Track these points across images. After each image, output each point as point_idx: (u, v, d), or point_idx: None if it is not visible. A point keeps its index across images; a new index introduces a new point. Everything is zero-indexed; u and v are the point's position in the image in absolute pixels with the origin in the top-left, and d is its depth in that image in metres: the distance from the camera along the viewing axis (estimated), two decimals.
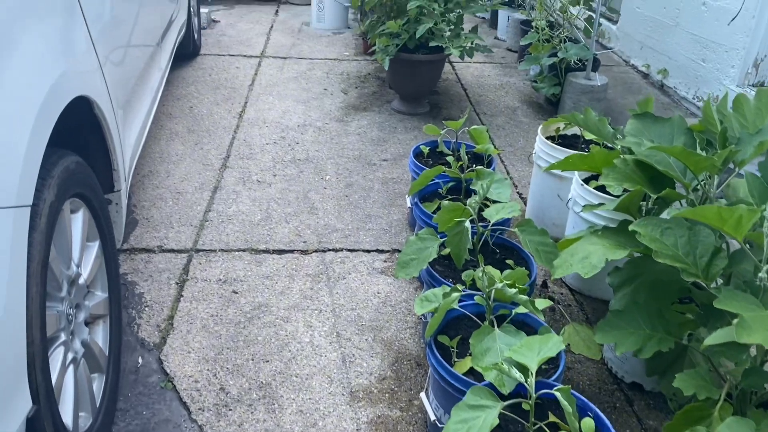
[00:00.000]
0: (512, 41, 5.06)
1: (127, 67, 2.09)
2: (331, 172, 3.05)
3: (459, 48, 3.28)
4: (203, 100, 3.78)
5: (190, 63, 4.36)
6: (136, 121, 2.22)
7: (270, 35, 5.17)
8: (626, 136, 1.75)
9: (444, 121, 2.55)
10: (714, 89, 3.73)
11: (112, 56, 1.81)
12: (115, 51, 1.90)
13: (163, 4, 3.06)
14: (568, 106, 3.69)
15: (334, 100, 3.91)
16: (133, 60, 2.22)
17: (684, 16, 4.04)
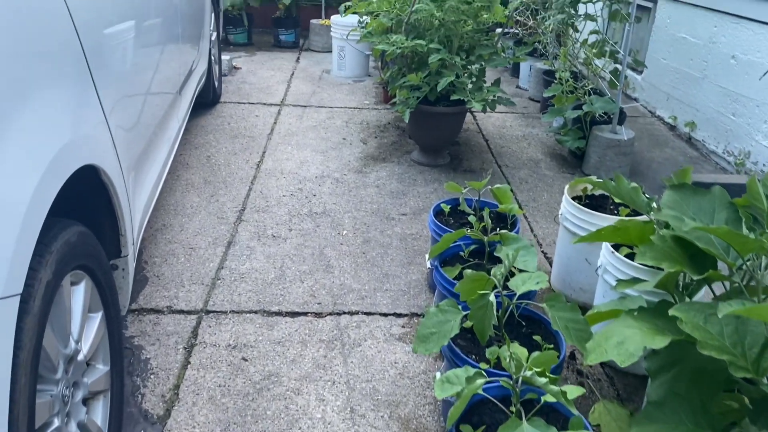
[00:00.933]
0: (534, 91, 5.00)
1: (140, 128, 2.03)
2: (348, 227, 2.96)
3: (481, 102, 3.21)
4: (221, 149, 3.74)
5: (209, 111, 4.34)
6: (148, 180, 2.16)
7: (291, 83, 5.17)
8: (663, 208, 1.64)
9: (466, 182, 2.46)
10: (745, 145, 3.61)
11: (124, 119, 1.75)
12: (128, 113, 1.85)
13: (184, 54, 3.04)
14: (594, 160, 3.59)
15: (353, 150, 3.85)
16: (148, 118, 2.17)
17: (712, 68, 3.95)
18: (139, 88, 2.07)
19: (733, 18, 3.74)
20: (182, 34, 2.95)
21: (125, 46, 1.87)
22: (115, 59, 1.75)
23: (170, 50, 2.65)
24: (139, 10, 2.06)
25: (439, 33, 3.40)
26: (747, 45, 3.61)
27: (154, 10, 2.31)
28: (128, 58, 1.91)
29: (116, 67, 1.76)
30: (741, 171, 3.61)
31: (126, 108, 1.83)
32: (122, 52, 1.84)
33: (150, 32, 2.23)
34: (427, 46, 3.29)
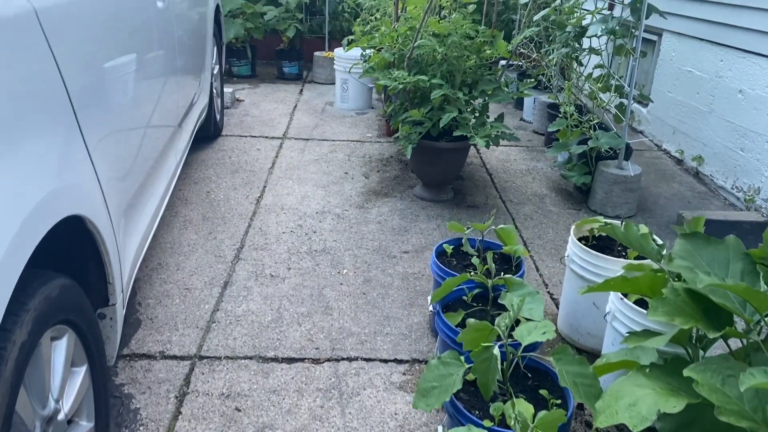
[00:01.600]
0: (538, 124, 4.96)
1: (134, 169, 1.98)
2: (348, 266, 2.89)
3: (484, 138, 3.16)
4: (221, 184, 3.69)
5: (210, 144, 4.31)
6: (142, 222, 2.10)
7: (293, 115, 5.14)
8: (675, 258, 1.56)
9: (469, 223, 2.39)
10: (755, 181, 3.53)
11: (113, 163, 1.70)
12: (119, 156, 1.79)
13: (183, 89, 3.00)
14: (600, 196, 3.52)
15: (354, 185, 3.80)
16: (142, 158, 2.11)
17: (719, 102, 3.90)
18: (133, 129, 2.02)
19: (739, 52, 3.69)
20: (181, 68, 2.92)
21: (117, 85, 1.82)
22: (105, 100, 1.70)
23: (168, 86, 2.61)
24: (132, 47, 2.02)
25: (441, 68, 3.36)
26: (754, 79, 3.56)
27: (150, 45, 2.27)
28: (120, 97, 1.87)
29: (106, 107, 1.71)
30: (751, 208, 3.53)
31: (116, 150, 1.78)
32: (113, 91, 1.79)
33: (145, 68, 2.19)
34: (429, 82, 3.25)
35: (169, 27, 2.56)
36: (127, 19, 1.98)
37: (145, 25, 2.18)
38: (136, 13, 2.08)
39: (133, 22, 2.04)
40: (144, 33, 2.16)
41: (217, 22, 4.35)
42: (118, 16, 1.88)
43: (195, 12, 3.39)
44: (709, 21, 3.98)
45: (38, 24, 1.28)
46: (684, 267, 1.51)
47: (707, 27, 4.01)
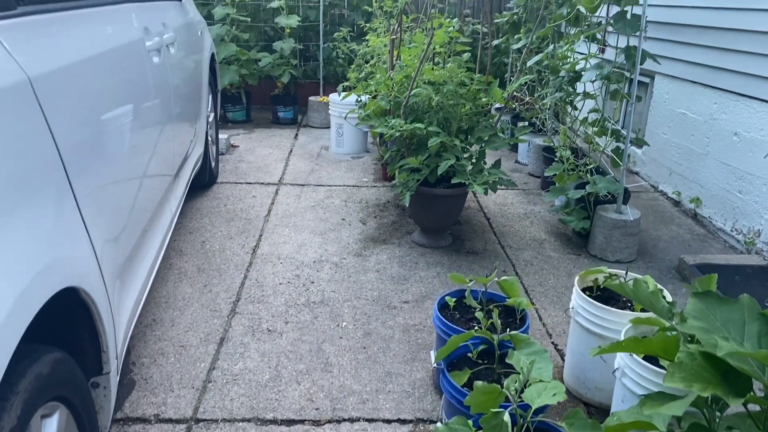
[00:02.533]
0: (534, 166, 4.96)
1: (129, 230, 1.93)
2: (347, 318, 2.83)
3: (482, 185, 3.13)
4: (216, 233, 3.65)
5: (205, 192, 4.27)
6: (137, 281, 2.04)
7: (289, 160, 5.13)
8: (688, 318, 1.52)
9: (471, 276, 2.34)
10: (754, 223, 3.52)
11: (110, 228, 1.65)
12: (115, 219, 1.75)
13: (179, 142, 2.98)
14: (599, 241, 3.49)
15: (352, 232, 3.76)
16: (138, 218, 2.07)
17: (714, 145, 3.91)
18: (129, 187, 1.99)
19: (733, 95, 3.72)
20: (177, 121, 2.90)
21: (112, 146, 1.79)
22: (100, 163, 1.67)
23: (164, 140, 2.58)
24: (127, 106, 2.00)
25: (437, 115, 3.36)
26: (749, 122, 3.58)
27: (145, 102, 2.25)
28: (115, 158, 1.83)
29: (101, 171, 1.67)
30: (752, 250, 3.51)
31: (112, 213, 1.73)
32: (108, 154, 1.75)
33: (141, 126, 2.17)
34: (426, 129, 3.25)
35: (165, 81, 2.55)
36: (123, 80, 1.97)
37: (140, 83, 2.16)
38: (131, 72, 2.07)
39: (128, 82, 2.02)
40: (140, 91, 2.14)
41: (213, 71, 4.37)
42: (113, 78, 1.86)
43: (191, 62, 3.40)
44: (702, 64, 4.02)
45: (32, 93, 1.25)
46: (698, 328, 1.46)
47: (700, 70, 4.05)
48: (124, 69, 1.98)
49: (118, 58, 1.92)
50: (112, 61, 1.85)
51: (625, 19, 3.24)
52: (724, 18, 3.76)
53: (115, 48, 1.90)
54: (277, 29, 6.33)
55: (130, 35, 2.11)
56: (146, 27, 2.33)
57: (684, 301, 3.06)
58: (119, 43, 1.96)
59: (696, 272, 3.19)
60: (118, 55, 1.91)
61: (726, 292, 2.97)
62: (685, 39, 4.18)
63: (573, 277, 3.27)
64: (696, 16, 4.03)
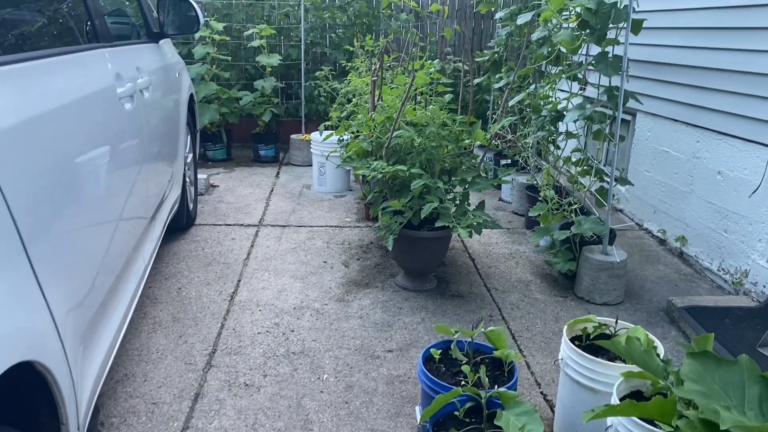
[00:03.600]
0: (518, 204, 4.91)
1: (95, 289, 1.83)
2: (329, 369, 2.71)
3: (467, 228, 3.06)
4: (193, 279, 3.53)
5: (183, 235, 4.17)
6: (105, 339, 1.93)
7: (270, 200, 5.04)
8: (685, 380, 1.44)
9: (457, 329, 2.25)
10: (741, 263, 3.48)
11: (71, 293, 1.55)
12: (77, 283, 1.65)
13: (154, 187, 2.89)
14: (586, 283, 3.42)
15: (334, 275, 3.66)
16: (105, 272, 1.97)
17: (698, 183, 3.89)
18: (95, 244, 1.89)
19: (715, 134, 3.71)
20: (151, 166, 2.81)
21: (76, 204, 1.70)
22: (61, 224, 1.57)
23: (136, 188, 2.49)
24: (94, 159, 1.91)
25: (420, 157, 3.31)
26: (732, 161, 3.56)
27: (115, 152, 2.16)
28: (80, 216, 1.74)
29: (62, 233, 1.57)
30: (739, 291, 3.46)
31: (75, 275, 1.63)
32: (71, 212, 1.66)
33: (110, 177, 2.07)
34: (408, 171, 3.19)
35: (138, 127, 2.47)
36: (89, 130, 1.88)
37: (109, 131, 2.08)
38: (99, 121, 1.98)
39: (95, 132, 1.94)
40: (108, 140, 2.05)
41: (191, 111, 4.30)
42: (78, 129, 1.77)
43: (167, 105, 3.33)
44: (683, 103, 4.02)
45: None
46: (696, 392, 1.38)
47: (682, 108, 4.05)
48: (91, 119, 1.90)
49: (84, 108, 1.84)
50: (78, 112, 1.77)
51: (606, 60, 3.23)
52: (703, 57, 3.77)
53: (82, 98, 1.82)
54: (258, 67, 6.31)
55: (100, 83, 2.03)
56: (118, 73, 2.26)
57: (673, 346, 2.99)
58: (86, 92, 1.88)
59: (685, 315, 3.13)
60: (84, 105, 1.83)
61: (716, 336, 2.90)
62: (666, 77, 4.19)
63: (560, 322, 3.20)
64: (676, 55, 4.05)
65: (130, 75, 2.43)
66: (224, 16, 6.44)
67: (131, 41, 2.87)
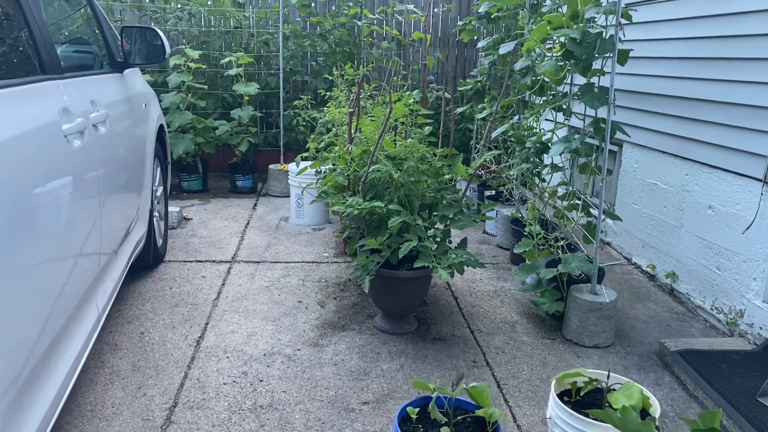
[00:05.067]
0: (502, 237, 4.75)
1: (33, 353, 1.62)
2: (298, 426, 2.50)
3: (447, 269, 2.88)
4: (157, 322, 3.31)
5: (150, 273, 3.94)
6: (42, 400, 1.71)
7: (245, 234, 4.84)
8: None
9: (436, 386, 2.05)
10: (735, 302, 3.32)
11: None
12: (8, 348, 1.44)
13: (112, 226, 2.69)
14: (575, 324, 3.25)
15: (308, 316, 3.45)
16: (48, 330, 1.76)
17: (688, 217, 3.75)
18: (32, 302, 1.68)
19: (706, 167, 3.58)
20: (109, 206, 2.61)
21: (10, 264, 1.50)
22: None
23: (87, 229, 2.29)
24: (30, 199, 1.71)
25: (398, 192, 3.14)
26: (724, 196, 3.43)
27: (60, 195, 1.97)
28: (10, 269, 1.53)
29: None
30: (734, 332, 3.30)
31: (5, 341, 1.43)
32: (3, 273, 1.46)
33: (51, 222, 1.87)
34: (386, 208, 3.01)
35: (89, 164, 2.27)
36: (25, 171, 1.68)
37: (51, 171, 1.88)
38: (37, 161, 1.79)
39: (33, 173, 1.74)
40: (48, 180, 1.86)
41: (161, 142, 4.11)
42: (9, 172, 1.58)
43: (130, 138, 3.14)
44: (671, 134, 3.90)
45: None
46: None
47: (670, 140, 3.93)
48: (27, 158, 1.70)
49: (18, 147, 1.65)
50: (8, 152, 1.58)
51: (592, 91, 3.09)
52: (692, 88, 3.66)
53: (14, 137, 1.63)
54: (235, 96, 6.15)
55: (39, 120, 1.84)
56: (65, 108, 2.07)
57: (668, 393, 2.81)
58: (21, 130, 1.69)
59: (679, 360, 2.95)
60: (18, 144, 1.64)
61: (713, 383, 2.73)
62: (653, 108, 4.08)
63: (548, 367, 3.01)
64: (662, 85, 3.94)
65: (81, 109, 2.24)
66: (201, 44, 6.29)
67: (88, 72, 2.68)
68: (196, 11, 6.09)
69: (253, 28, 6.61)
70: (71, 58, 2.72)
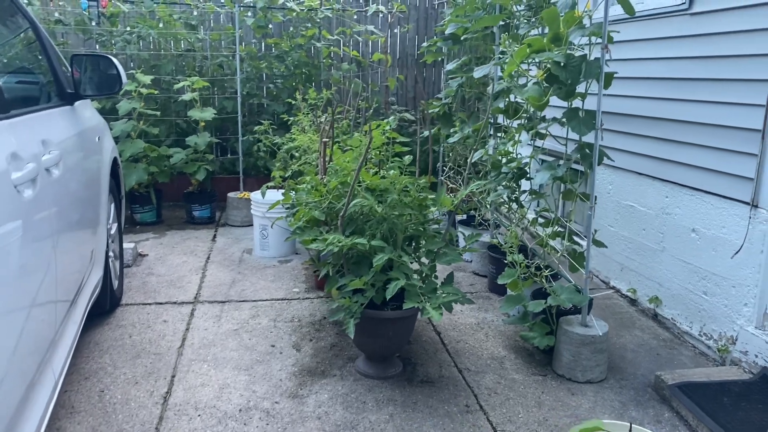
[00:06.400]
0: (478, 264, 4.60)
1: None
2: None
3: (437, 309, 2.70)
4: (118, 377, 3.00)
5: (107, 320, 3.62)
6: None
7: (206, 269, 4.55)
8: None
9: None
10: (726, 329, 3.24)
11: None
12: None
13: (66, 279, 2.40)
14: (566, 359, 3.10)
15: (284, 363, 3.20)
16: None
17: (670, 241, 3.68)
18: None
19: (687, 189, 3.52)
20: (62, 255, 2.33)
21: None
22: None
23: (42, 288, 2.01)
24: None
25: (381, 227, 2.94)
26: (708, 219, 3.36)
27: (8, 250, 1.69)
28: None
29: None
30: (726, 359, 3.21)
31: None
32: None
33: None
34: (369, 244, 2.81)
35: (44, 214, 1.99)
36: None
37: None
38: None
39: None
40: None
41: (115, 176, 3.81)
42: None
43: (85, 177, 2.85)
44: (649, 156, 3.84)
45: None
46: None
47: (646, 162, 3.86)
48: None
49: None
50: None
51: (578, 117, 2.98)
52: (669, 108, 3.60)
53: None
54: (190, 122, 5.85)
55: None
56: (14, 153, 1.80)
57: (670, 431, 2.69)
58: None
59: (678, 394, 2.83)
60: None
61: (718, 420, 2.61)
62: (628, 129, 4.01)
63: (543, 408, 2.85)
64: (640, 106, 3.88)
65: (31, 152, 1.97)
66: (152, 68, 5.98)
67: (37, 107, 2.40)
68: (146, 34, 5.79)
69: (207, 50, 6.33)
70: (15, 91, 2.43)
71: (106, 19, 5.80)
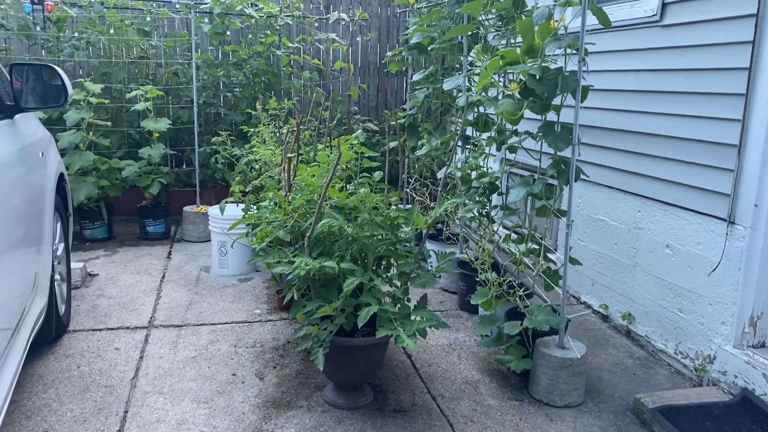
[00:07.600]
0: (447, 280, 4.47)
1: None
2: None
3: (412, 338, 2.54)
4: (65, 415, 2.75)
5: (52, 349, 3.35)
6: None
7: (161, 290, 4.29)
8: None
9: None
10: (702, 347, 3.17)
11: None
12: None
13: (6, 312, 2.15)
14: (544, 383, 2.98)
15: (246, 393, 3.00)
16: None
17: (643, 256, 3.61)
18: None
19: (660, 204, 3.46)
20: (1, 280, 2.09)
21: None
22: None
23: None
24: None
25: (351, 248, 2.77)
26: (683, 235, 3.30)
27: None
28: None
29: None
30: (703, 378, 3.15)
31: None
32: None
33: None
34: (338, 267, 2.64)
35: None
36: None
37: None
38: None
39: None
40: None
41: (61, 192, 3.54)
42: None
43: (26, 195, 2.60)
44: (619, 169, 3.77)
45: None
46: None
47: (617, 175, 3.80)
48: None
49: None
50: None
51: (554, 132, 2.88)
52: (640, 121, 3.54)
53: None
54: (143, 133, 5.57)
55: None
56: None
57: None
58: None
59: (659, 418, 2.74)
60: None
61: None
62: (597, 142, 3.94)
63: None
64: (610, 118, 3.81)
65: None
66: (102, 76, 5.67)
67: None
68: (96, 40, 5.49)
69: (160, 57, 6.06)
70: None
71: (52, 23, 5.48)
